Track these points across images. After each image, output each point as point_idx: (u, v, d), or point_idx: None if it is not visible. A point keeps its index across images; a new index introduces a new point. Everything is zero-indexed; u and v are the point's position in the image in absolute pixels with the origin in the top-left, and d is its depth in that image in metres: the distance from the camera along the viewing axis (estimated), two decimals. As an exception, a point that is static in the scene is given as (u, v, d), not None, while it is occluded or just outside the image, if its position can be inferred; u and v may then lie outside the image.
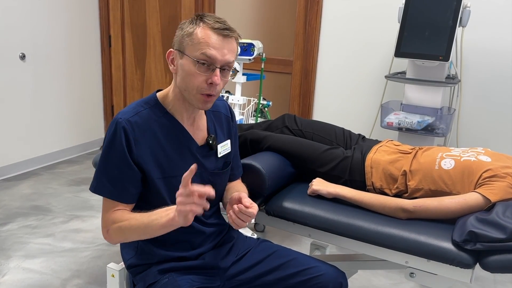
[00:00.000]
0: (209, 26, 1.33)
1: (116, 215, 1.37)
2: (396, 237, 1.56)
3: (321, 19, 3.43)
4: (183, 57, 1.35)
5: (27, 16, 3.76)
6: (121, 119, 1.35)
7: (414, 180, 1.76)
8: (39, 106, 4.01)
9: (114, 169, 1.36)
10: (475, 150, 1.80)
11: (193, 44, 1.33)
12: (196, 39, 1.32)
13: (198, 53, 1.32)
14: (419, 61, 2.63)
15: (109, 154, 1.36)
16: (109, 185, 1.36)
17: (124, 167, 1.35)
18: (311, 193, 1.81)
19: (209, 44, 1.32)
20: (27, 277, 2.49)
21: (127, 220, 1.34)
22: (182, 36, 1.35)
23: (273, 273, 1.53)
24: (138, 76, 4.41)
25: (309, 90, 3.56)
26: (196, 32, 1.33)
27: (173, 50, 1.39)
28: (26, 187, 3.68)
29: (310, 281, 1.50)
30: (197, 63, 1.32)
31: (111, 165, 1.36)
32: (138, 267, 1.52)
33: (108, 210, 1.38)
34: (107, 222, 1.38)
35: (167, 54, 1.40)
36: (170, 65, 1.40)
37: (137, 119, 1.37)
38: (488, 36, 2.93)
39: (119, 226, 1.35)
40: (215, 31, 1.33)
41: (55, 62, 4.08)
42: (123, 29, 4.35)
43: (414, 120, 2.62)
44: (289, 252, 1.59)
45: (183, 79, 1.36)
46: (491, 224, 1.44)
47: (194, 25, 1.34)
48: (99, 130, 4.69)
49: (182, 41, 1.35)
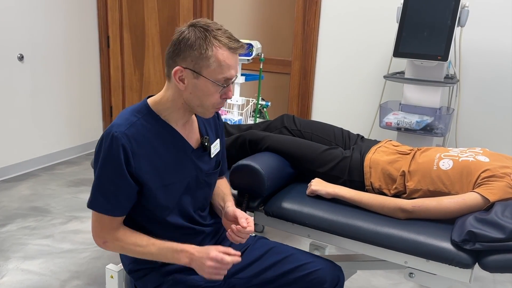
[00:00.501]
0: (226, 46, 1.31)
1: (118, 234, 1.38)
2: (395, 237, 1.56)
3: (319, 19, 3.43)
4: (198, 78, 1.32)
5: (25, 17, 3.76)
6: (117, 132, 1.31)
7: (413, 181, 1.76)
8: (38, 107, 4.00)
9: (110, 185, 1.34)
10: (473, 150, 1.80)
11: (213, 67, 1.31)
12: (217, 63, 1.30)
13: (220, 76, 1.32)
14: (418, 61, 2.63)
15: (105, 169, 1.33)
16: (103, 201, 1.35)
17: (120, 182, 1.33)
18: (310, 193, 1.81)
19: (230, 66, 1.33)
20: (26, 278, 2.49)
21: (132, 245, 1.37)
22: (197, 57, 1.30)
23: (271, 269, 1.54)
24: (137, 77, 4.41)
25: (308, 90, 3.56)
26: (215, 55, 1.30)
27: (183, 68, 1.32)
28: (25, 188, 3.67)
29: (307, 277, 1.52)
30: (218, 85, 1.33)
31: (107, 180, 1.34)
32: (140, 271, 1.51)
33: (104, 223, 1.38)
34: (105, 235, 1.39)
35: (174, 72, 1.32)
36: (179, 83, 1.33)
37: (133, 130, 1.34)
38: (486, 36, 2.93)
39: (122, 246, 1.39)
40: (232, 51, 1.32)
41: (54, 63, 4.08)
42: (122, 29, 4.35)
43: (413, 120, 2.62)
44: (286, 249, 1.61)
45: (199, 98, 1.35)
46: (490, 224, 1.44)
47: (209, 45, 1.29)
48: (98, 131, 4.69)
49: (197, 63, 1.30)
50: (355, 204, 1.72)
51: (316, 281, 1.52)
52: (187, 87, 1.34)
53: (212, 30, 1.31)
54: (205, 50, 1.29)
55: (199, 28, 1.31)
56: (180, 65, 1.32)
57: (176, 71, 1.32)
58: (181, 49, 1.31)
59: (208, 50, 1.29)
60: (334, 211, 1.70)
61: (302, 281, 1.52)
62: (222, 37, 1.31)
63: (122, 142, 1.30)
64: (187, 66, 1.31)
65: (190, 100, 1.36)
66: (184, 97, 1.36)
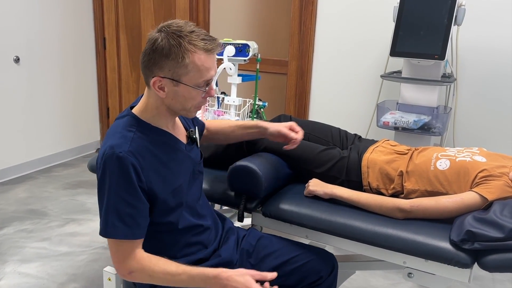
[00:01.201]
0: (202, 50, 1.28)
1: (143, 261, 1.32)
2: (394, 238, 1.55)
3: (316, 19, 3.43)
4: (178, 85, 1.31)
5: (21, 19, 3.75)
6: (121, 152, 1.27)
7: (410, 181, 1.76)
8: (34, 109, 3.99)
9: (125, 207, 1.29)
10: (470, 150, 1.80)
11: (192, 73, 1.29)
12: (195, 68, 1.29)
13: (200, 80, 1.31)
14: (415, 60, 2.62)
15: (117, 192, 1.28)
16: (122, 226, 1.29)
17: (136, 202, 1.30)
18: (308, 194, 1.80)
19: (209, 68, 1.31)
20: (23, 282, 2.48)
21: (161, 273, 1.32)
22: (174, 66, 1.28)
23: (265, 262, 1.59)
24: (134, 78, 4.40)
25: (305, 90, 3.56)
26: (193, 61, 1.28)
27: (160, 78, 1.30)
28: (21, 191, 3.66)
29: (303, 267, 1.59)
30: (199, 88, 1.32)
31: (121, 203, 1.28)
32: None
33: (126, 250, 1.32)
34: (130, 264, 1.32)
35: (153, 82, 1.30)
36: (158, 91, 1.32)
37: (135, 146, 1.31)
38: (483, 34, 2.93)
39: (151, 276, 1.33)
40: (209, 52, 1.30)
41: (50, 65, 4.06)
42: (118, 31, 4.34)
43: (410, 120, 2.62)
44: (275, 241, 1.66)
45: (181, 103, 1.34)
46: (489, 223, 1.43)
47: (185, 52, 1.27)
48: (95, 133, 4.68)
49: (175, 71, 1.29)
50: (353, 204, 1.72)
51: (311, 271, 1.58)
52: (168, 95, 1.33)
53: (185, 34, 1.27)
54: (182, 58, 1.27)
55: (172, 34, 1.27)
56: (158, 75, 1.30)
57: (155, 81, 1.31)
58: (156, 59, 1.29)
59: (185, 58, 1.27)
60: (332, 211, 1.69)
61: (298, 272, 1.58)
62: (197, 40, 1.28)
63: (130, 160, 1.27)
64: (165, 75, 1.30)
65: (173, 106, 1.36)
66: (165, 103, 1.36)
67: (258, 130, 1.75)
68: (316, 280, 1.62)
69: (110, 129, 1.37)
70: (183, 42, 1.27)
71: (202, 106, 1.40)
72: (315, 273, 1.61)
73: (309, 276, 1.61)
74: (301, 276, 1.61)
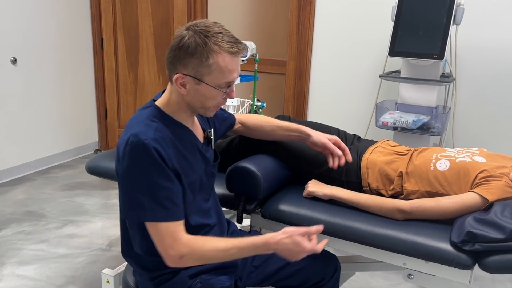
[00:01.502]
0: (227, 52, 1.30)
1: (191, 243, 1.31)
2: (394, 239, 1.54)
3: (314, 19, 3.42)
4: (200, 84, 1.33)
5: (18, 20, 3.73)
6: (147, 139, 1.27)
7: (410, 182, 1.75)
8: (32, 110, 3.98)
9: (160, 191, 1.29)
10: (470, 150, 1.79)
11: (214, 74, 1.31)
12: (219, 69, 1.31)
13: (222, 81, 1.33)
14: (414, 60, 2.62)
15: (149, 177, 1.28)
16: (160, 209, 1.29)
17: (170, 185, 1.31)
18: (307, 195, 1.79)
19: (232, 70, 1.33)
20: (21, 284, 2.47)
21: (212, 251, 1.32)
22: (198, 65, 1.30)
23: (269, 263, 1.61)
24: (131, 79, 4.38)
25: (303, 90, 3.55)
26: (216, 61, 1.29)
27: (183, 75, 1.32)
28: (19, 192, 3.64)
29: (305, 269, 1.63)
30: (220, 89, 1.34)
31: (156, 188, 1.28)
32: (165, 275, 1.46)
33: (173, 236, 1.30)
34: (179, 248, 1.30)
35: (176, 78, 1.33)
36: (180, 88, 1.34)
37: (159, 134, 1.31)
38: (482, 34, 2.92)
39: (202, 255, 1.32)
40: (233, 55, 1.32)
41: (47, 66, 4.05)
42: (116, 32, 4.32)
43: (409, 119, 2.61)
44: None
45: (201, 101, 1.36)
46: (489, 224, 1.43)
47: (210, 53, 1.29)
48: (93, 134, 4.66)
49: (199, 70, 1.31)
50: (353, 205, 1.71)
51: (315, 272, 1.63)
52: (189, 92, 1.35)
53: (212, 35, 1.29)
54: (206, 58, 1.29)
55: (199, 34, 1.29)
56: (181, 72, 1.32)
57: (177, 77, 1.33)
58: (181, 56, 1.31)
59: (209, 58, 1.29)
60: (331, 212, 1.69)
61: (301, 273, 1.62)
62: (223, 42, 1.30)
63: (156, 146, 1.28)
64: (188, 73, 1.32)
65: (193, 103, 1.38)
66: (186, 100, 1.38)
67: (300, 135, 1.78)
68: (319, 281, 1.66)
69: (133, 119, 1.38)
70: (209, 42, 1.29)
71: (220, 106, 1.42)
72: (318, 274, 1.64)
73: (312, 277, 1.64)
74: (305, 277, 1.63)
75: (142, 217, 1.30)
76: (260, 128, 1.82)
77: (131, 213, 1.31)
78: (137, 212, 1.30)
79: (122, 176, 1.32)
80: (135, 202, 1.29)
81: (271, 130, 1.81)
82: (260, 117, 1.85)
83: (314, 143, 1.76)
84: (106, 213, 3.34)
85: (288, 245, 1.33)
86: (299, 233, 1.34)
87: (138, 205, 1.29)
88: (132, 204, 1.30)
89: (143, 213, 1.29)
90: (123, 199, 1.34)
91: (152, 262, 1.43)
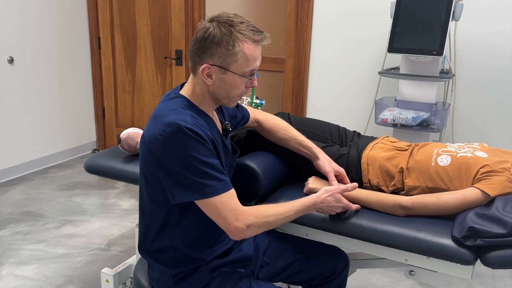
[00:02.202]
0: (251, 40, 1.35)
1: (254, 211, 1.38)
2: (395, 235, 1.53)
3: (312, 16, 3.41)
4: (226, 73, 1.37)
5: (14, 19, 3.71)
6: (186, 123, 1.30)
7: (411, 177, 1.74)
8: (29, 110, 3.96)
9: (210, 168, 1.32)
10: (471, 146, 1.78)
11: (240, 62, 1.35)
12: (243, 57, 1.35)
13: (247, 69, 1.38)
14: (413, 56, 2.61)
15: (196, 156, 1.30)
16: (217, 183, 1.33)
17: (216, 161, 1.35)
18: (307, 191, 1.78)
19: (256, 58, 1.38)
20: (20, 284, 2.45)
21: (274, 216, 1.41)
22: (225, 54, 1.34)
23: (281, 259, 1.66)
24: (129, 78, 4.37)
25: (302, 88, 3.54)
26: (242, 49, 1.34)
27: (210, 65, 1.35)
28: (17, 192, 3.63)
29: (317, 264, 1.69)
30: (245, 77, 1.38)
31: (206, 165, 1.31)
32: (186, 271, 1.49)
33: (235, 208, 1.35)
34: (245, 217, 1.35)
35: (202, 69, 1.36)
36: (206, 78, 1.38)
37: (196, 121, 1.35)
38: (481, 30, 2.91)
39: (266, 221, 1.39)
40: (257, 43, 1.37)
41: (44, 65, 4.03)
42: (113, 30, 4.31)
43: (408, 116, 2.60)
44: (289, 238, 1.75)
45: (226, 90, 1.40)
46: (491, 219, 1.42)
47: (236, 41, 1.33)
48: (90, 133, 4.65)
49: (225, 59, 1.34)
50: (353, 201, 1.69)
51: (326, 267, 1.68)
52: (215, 82, 1.39)
53: (236, 24, 1.35)
54: (232, 46, 1.33)
55: (223, 24, 1.34)
56: (207, 62, 1.36)
57: (204, 68, 1.36)
58: (207, 47, 1.35)
59: (235, 46, 1.33)
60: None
61: (313, 267, 1.68)
62: (246, 30, 1.35)
63: (196, 130, 1.31)
64: (215, 63, 1.36)
65: (217, 93, 1.42)
66: (210, 91, 1.41)
67: (309, 154, 1.82)
68: (330, 275, 1.69)
69: (162, 109, 1.38)
70: (234, 31, 1.34)
71: (243, 96, 1.46)
72: (329, 268, 1.69)
73: (324, 272, 1.69)
74: (317, 272, 1.68)
75: (202, 195, 1.32)
76: (275, 134, 1.85)
77: (187, 194, 1.32)
78: (196, 190, 1.31)
79: (169, 163, 1.31)
80: (190, 184, 1.31)
81: (284, 139, 1.85)
82: (279, 122, 1.88)
83: (318, 167, 1.80)
84: (104, 212, 3.33)
85: (331, 202, 1.53)
86: (340, 191, 1.55)
87: (195, 185, 1.31)
88: (188, 186, 1.31)
89: (203, 191, 1.31)
90: (173, 185, 1.33)
91: (173, 258, 1.46)
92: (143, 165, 1.42)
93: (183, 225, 1.43)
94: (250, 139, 1.97)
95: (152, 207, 1.44)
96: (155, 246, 1.48)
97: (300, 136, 1.85)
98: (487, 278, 2.56)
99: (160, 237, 1.46)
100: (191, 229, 1.45)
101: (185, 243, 1.46)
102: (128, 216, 3.29)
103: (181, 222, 1.43)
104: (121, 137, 2.06)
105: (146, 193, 1.44)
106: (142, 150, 1.40)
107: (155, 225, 1.45)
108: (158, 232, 1.45)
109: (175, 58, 4.05)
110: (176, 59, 4.05)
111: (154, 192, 1.42)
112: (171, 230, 1.44)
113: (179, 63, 4.06)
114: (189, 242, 1.46)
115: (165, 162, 1.31)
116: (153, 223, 1.46)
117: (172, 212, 1.41)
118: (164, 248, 1.46)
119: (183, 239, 1.45)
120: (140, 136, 2.04)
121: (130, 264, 2.17)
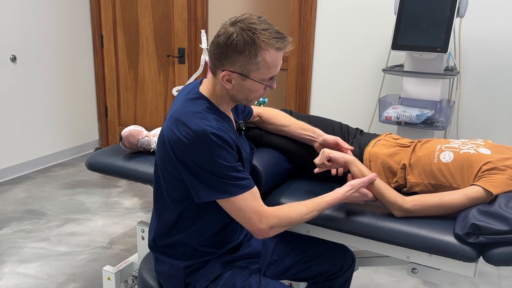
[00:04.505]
0: (274, 48, 1.33)
1: (277, 213, 1.41)
2: (397, 232, 1.51)
3: (316, 13, 3.39)
4: (246, 80, 1.37)
5: (17, 18, 3.72)
6: (212, 129, 1.32)
7: (413, 174, 1.72)
8: (32, 109, 3.96)
9: (234, 171, 1.35)
10: (475, 142, 1.75)
11: (261, 70, 1.35)
12: (265, 66, 1.34)
13: (267, 77, 1.38)
14: (417, 53, 2.58)
15: (222, 160, 1.33)
16: (241, 182, 1.36)
17: (238, 162, 1.38)
18: (323, 160, 1.68)
19: (277, 65, 1.38)
20: (22, 282, 2.45)
21: (297, 214, 1.43)
22: (246, 62, 1.33)
23: (289, 255, 1.69)
24: (132, 76, 4.36)
25: (305, 86, 3.52)
26: (264, 58, 1.33)
27: (230, 72, 1.35)
28: (20, 191, 3.63)
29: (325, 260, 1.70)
30: (264, 84, 1.39)
31: (231, 169, 1.34)
32: (198, 263, 1.50)
33: (258, 209, 1.38)
34: (269, 220, 1.39)
35: (222, 76, 1.36)
36: (225, 83, 1.37)
37: (221, 125, 1.36)
38: (486, 26, 2.88)
39: (290, 222, 1.42)
40: (280, 50, 1.35)
41: (47, 64, 4.04)
42: (115, 28, 4.30)
43: (413, 114, 2.58)
44: (296, 236, 1.74)
45: (245, 94, 1.41)
46: (494, 216, 1.40)
47: (258, 50, 1.32)
48: (93, 132, 4.65)
49: (246, 67, 1.34)
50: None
51: (334, 263, 1.70)
52: (234, 87, 1.39)
53: (260, 32, 1.32)
54: (255, 56, 1.32)
55: (246, 31, 1.31)
56: (228, 69, 1.35)
57: (224, 75, 1.36)
58: (229, 54, 1.33)
59: (257, 56, 1.32)
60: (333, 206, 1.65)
61: (321, 264, 1.69)
62: (270, 38, 1.32)
63: (221, 135, 1.33)
64: (235, 70, 1.35)
65: (236, 96, 1.42)
66: (230, 93, 1.42)
67: (312, 135, 1.83)
68: (337, 271, 1.71)
69: (183, 111, 1.38)
70: (257, 40, 1.31)
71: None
72: (337, 265, 1.71)
73: (331, 268, 1.71)
74: (324, 268, 1.70)
75: (227, 192, 1.35)
76: (276, 121, 1.87)
77: (213, 193, 1.35)
78: (221, 189, 1.34)
79: (195, 166, 1.33)
80: (215, 183, 1.34)
81: (285, 125, 1.86)
82: (279, 112, 1.91)
83: (325, 141, 1.79)
84: (107, 211, 3.33)
85: (356, 197, 1.54)
86: (363, 185, 1.54)
87: (220, 185, 1.34)
88: (213, 185, 1.34)
89: (228, 190, 1.35)
90: (199, 185, 1.35)
91: (184, 252, 1.49)
92: (161, 163, 1.43)
93: (197, 225, 1.46)
94: (253, 136, 1.96)
95: (169, 203, 1.46)
96: (166, 241, 1.50)
97: (300, 122, 1.86)
98: (492, 278, 2.53)
99: (172, 233, 1.48)
100: (205, 229, 1.48)
101: (198, 242, 1.48)
102: (130, 214, 3.28)
103: (196, 223, 1.46)
104: (122, 134, 2.05)
105: (163, 190, 1.46)
106: (161, 149, 1.40)
107: (169, 221, 1.48)
108: (171, 228, 1.48)
109: (178, 56, 4.04)
110: (178, 57, 4.04)
111: (171, 189, 1.44)
112: (185, 227, 1.46)
113: (181, 61, 4.05)
114: (201, 240, 1.48)
115: (190, 164, 1.34)
116: (168, 218, 1.48)
117: (187, 210, 1.44)
118: (176, 243, 1.49)
119: (196, 237, 1.48)
120: (141, 134, 2.04)
121: (132, 262, 2.17)
